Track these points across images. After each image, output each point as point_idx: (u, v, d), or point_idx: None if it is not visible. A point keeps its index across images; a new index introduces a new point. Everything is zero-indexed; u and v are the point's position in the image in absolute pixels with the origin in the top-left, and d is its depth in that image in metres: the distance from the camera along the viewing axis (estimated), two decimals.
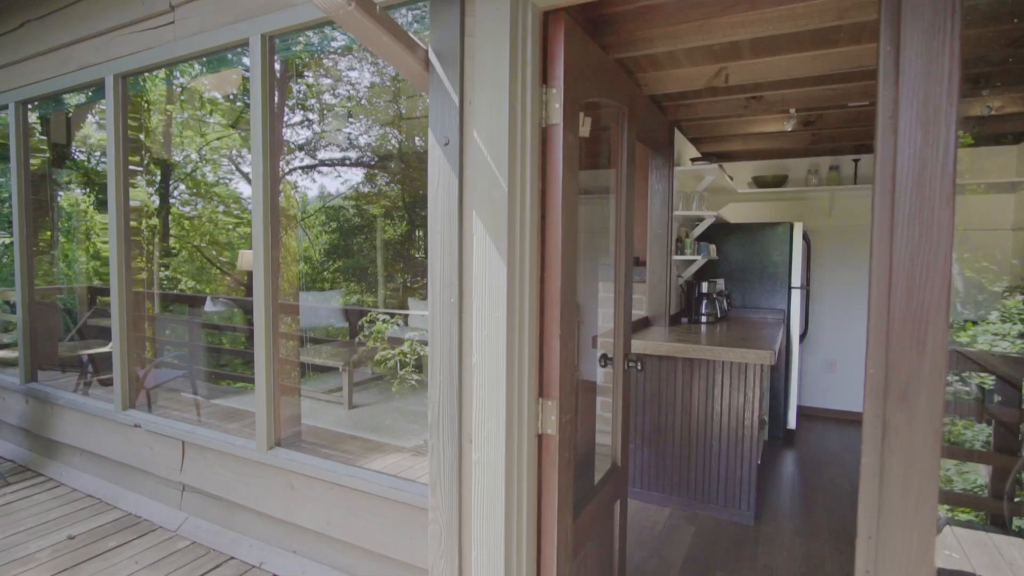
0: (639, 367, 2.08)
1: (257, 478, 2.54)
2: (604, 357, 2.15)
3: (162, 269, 7.41)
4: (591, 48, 1.64)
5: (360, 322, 5.39)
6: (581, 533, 1.66)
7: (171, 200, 7.72)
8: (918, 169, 1.05)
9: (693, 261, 4.28)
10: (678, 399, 3.28)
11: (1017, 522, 2.87)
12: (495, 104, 1.34)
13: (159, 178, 7.34)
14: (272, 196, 2.43)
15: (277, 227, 2.51)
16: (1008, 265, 4.70)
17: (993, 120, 4.17)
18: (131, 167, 3.10)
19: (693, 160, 3.99)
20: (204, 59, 2.84)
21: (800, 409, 5.08)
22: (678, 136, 4.17)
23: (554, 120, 1.43)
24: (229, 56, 2.77)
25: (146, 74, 3.65)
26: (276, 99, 2.54)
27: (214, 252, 8.06)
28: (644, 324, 3.91)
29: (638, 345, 3.28)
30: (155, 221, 7.28)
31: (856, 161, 5.05)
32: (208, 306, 5.84)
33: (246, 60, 2.51)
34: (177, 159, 7.52)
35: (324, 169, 8.04)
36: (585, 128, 1.85)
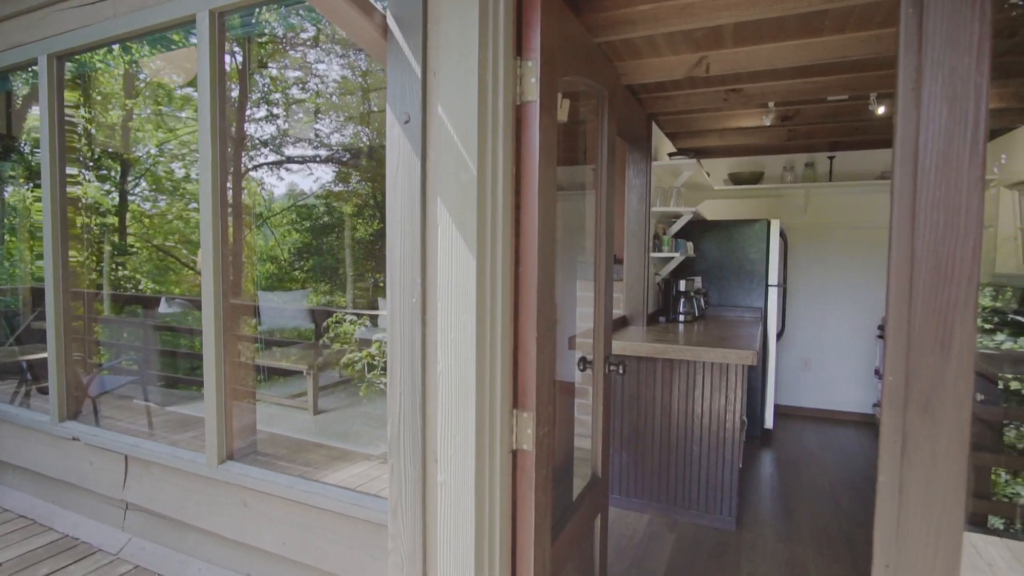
0: (620, 371, 1.94)
1: (207, 495, 2.32)
2: (583, 360, 2.01)
3: (119, 269, 7.04)
4: (570, 19, 1.49)
5: (325, 323, 5.16)
6: (560, 556, 1.51)
7: (131, 197, 7.33)
8: (943, 148, 0.92)
9: (671, 259, 4.17)
10: (657, 401, 3.17)
11: (993, 520, 2.82)
12: (463, 76, 1.17)
13: (118, 174, 6.97)
14: (223, 186, 2.22)
15: (237, 221, 2.30)
16: None
17: None
18: (75, 158, 2.85)
19: (671, 155, 3.89)
20: (148, 38, 2.62)
21: (776, 408, 5.04)
22: (655, 131, 4.06)
23: (530, 96, 1.28)
24: (169, 35, 2.55)
25: (100, 65, 3.40)
26: (236, 90, 2.34)
27: (185, 251, 7.70)
28: (622, 323, 3.78)
29: (616, 346, 3.15)
30: (112, 219, 6.90)
31: (831, 158, 5.02)
32: (163, 307, 5.53)
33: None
34: (139, 154, 7.15)
35: (293, 167, 7.75)
36: (563, 111, 1.70)
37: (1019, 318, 3.62)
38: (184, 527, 2.43)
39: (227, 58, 2.29)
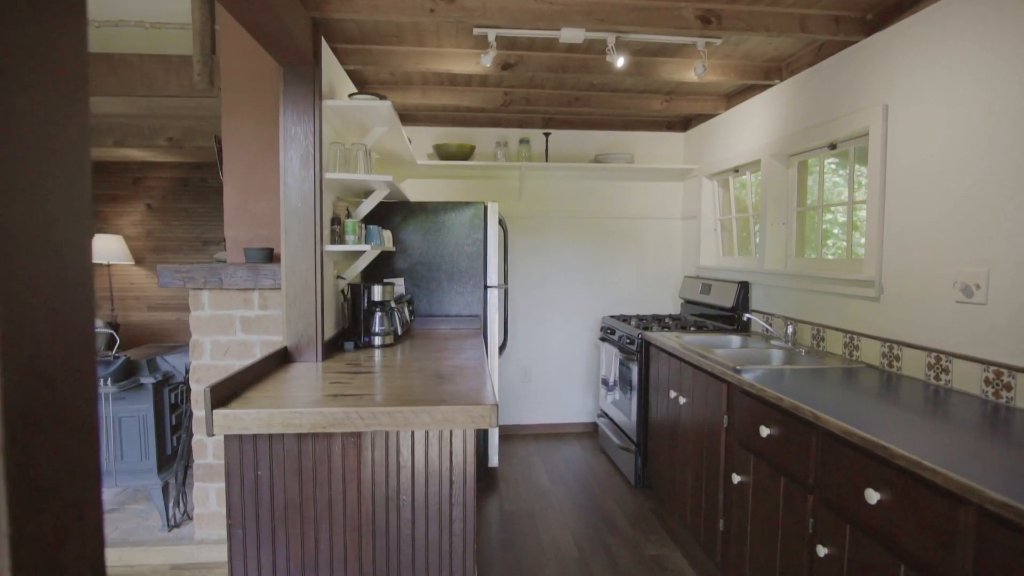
0: None
1: None
2: None
3: None
4: None
5: None
6: None
7: None
8: None
9: (360, 253, 2.83)
10: (338, 504, 1.80)
11: None
12: None
13: None
14: None
15: None
16: (664, 254, 4.58)
17: (676, 98, 3.83)
18: None
19: (353, 95, 2.53)
20: None
21: (499, 430, 4.19)
22: (329, 60, 2.66)
23: None
24: None
25: None
26: None
27: None
28: (282, 361, 2.30)
29: (259, 418, 1.67)
30: None
31: (547, 135, 4.34)
32: None
33: None
34: None
35: None
36: None
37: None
38: None
39: None
